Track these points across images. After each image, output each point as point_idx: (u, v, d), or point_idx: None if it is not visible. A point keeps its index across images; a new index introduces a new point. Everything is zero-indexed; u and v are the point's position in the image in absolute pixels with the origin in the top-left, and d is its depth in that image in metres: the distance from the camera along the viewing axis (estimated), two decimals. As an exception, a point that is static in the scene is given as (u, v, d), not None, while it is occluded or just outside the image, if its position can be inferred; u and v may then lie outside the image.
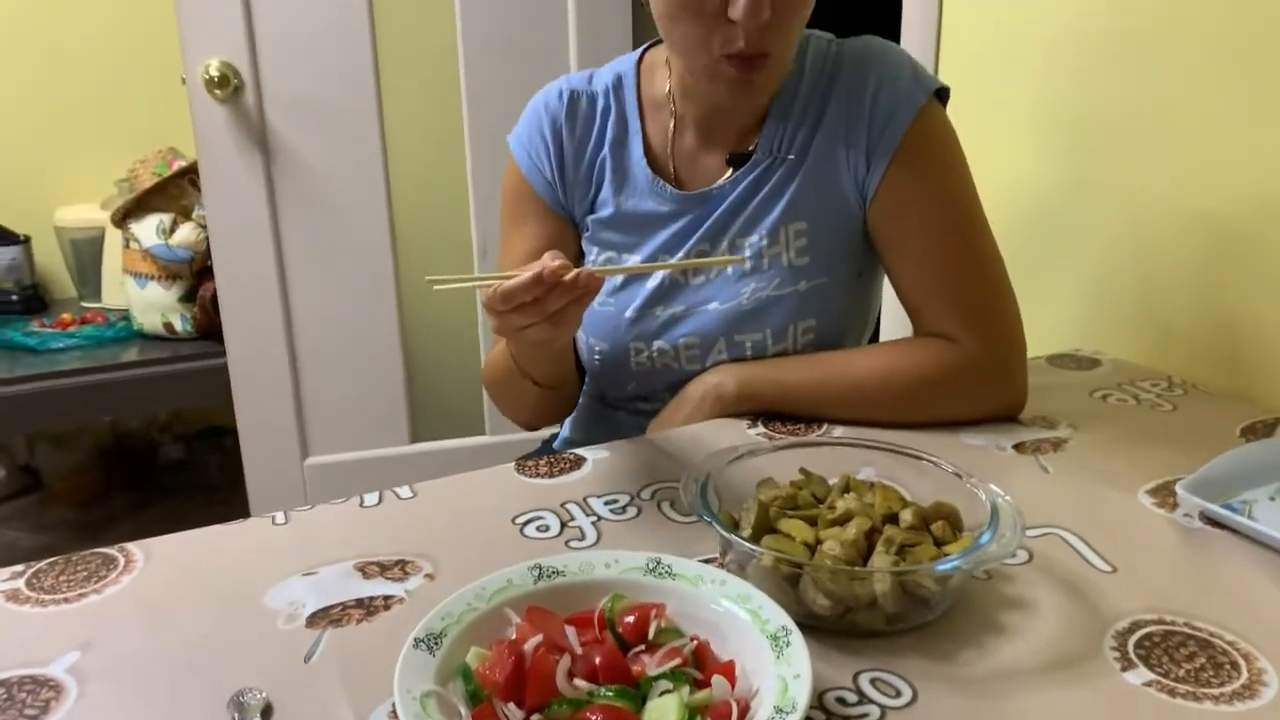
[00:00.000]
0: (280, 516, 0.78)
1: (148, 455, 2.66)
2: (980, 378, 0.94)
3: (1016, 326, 0.96)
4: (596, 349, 1.04)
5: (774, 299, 0.98)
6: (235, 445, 1.93)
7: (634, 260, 1.02)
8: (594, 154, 1.04)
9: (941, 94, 0.98)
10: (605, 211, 1.03)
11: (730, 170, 1.00)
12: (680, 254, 1.01)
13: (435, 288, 0.78)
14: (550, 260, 0.74)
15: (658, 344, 1.01)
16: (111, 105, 2.47)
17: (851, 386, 0.95)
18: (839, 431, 0.93)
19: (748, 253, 0.99)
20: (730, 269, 0.99)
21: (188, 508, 2.50)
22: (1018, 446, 0.90)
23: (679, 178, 1.02)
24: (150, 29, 2.42)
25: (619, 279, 1.03)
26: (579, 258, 1.07)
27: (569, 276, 0.74)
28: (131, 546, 0.73)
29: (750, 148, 0.99)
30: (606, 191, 1.03)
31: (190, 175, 2.18)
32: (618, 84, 1.04)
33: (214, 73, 1.69)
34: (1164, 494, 0.80)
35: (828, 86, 0.98)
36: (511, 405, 1.09)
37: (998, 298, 0.96)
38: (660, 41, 1.00)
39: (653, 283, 1.01)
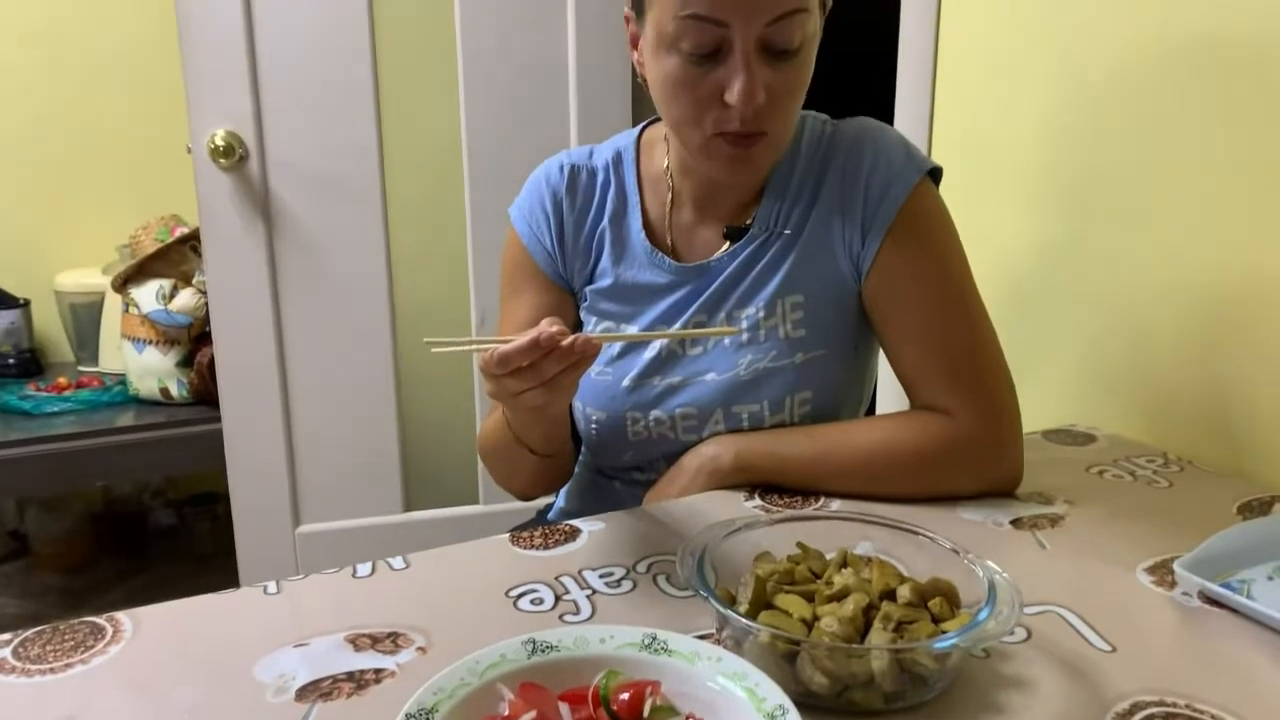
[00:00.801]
0: (272, 586, 0.77)
1: (138, 521, 2.64)
2: (976, 452, 0.95)
3: (1011, 401, 0.97)
4: (594, 418, 1.04)
5: (771, 370, 0.99)
6: (227, 511, 1.92)
7: (631, 329, 1.03)
8: (593, 226, 1.05)
9: (934, 174, 1.00)
10: (604, 282, 1.04)
11: (727, 244, 1.01)
12: (678, 324, 1.02)
13: (433, 349, 0.78)
14: (548, 325, 0.74)
15: (654, 414, 1.02)
16: (116, 172, 2.51)
17: (848, 460, 0.95)
18: (836, 505, 0.93)
19: (744, 324, 0.99)
20: (727, 341, 1.00)
21: (177, 575, 2.47)
22: (1015, 522, 0.90)
23: (676, 251, 1.04)
24: (156, 98, 2.47)
25: (616, 348, 1.04)
26: (577, 328, 1.07)
27: (566, 342, 0.74)
28: (120, 616, 0.72)
29: (747, 222, 1.01)
30: (605, 262, 1.05)
31: (192, 242, 2.20)
32: (617, 159, 1.06)
33: (219, 142, 1.72)
34: (1162, 572, 0.80)
35: (823, 164, 0.99)
36: (506, 474, 1.09)
37: (992, 372, 0.97)
38: (659, 119, 1.02)
39: (650, 353, 1.02)
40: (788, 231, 1.00)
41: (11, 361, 2.37)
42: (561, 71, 1.89)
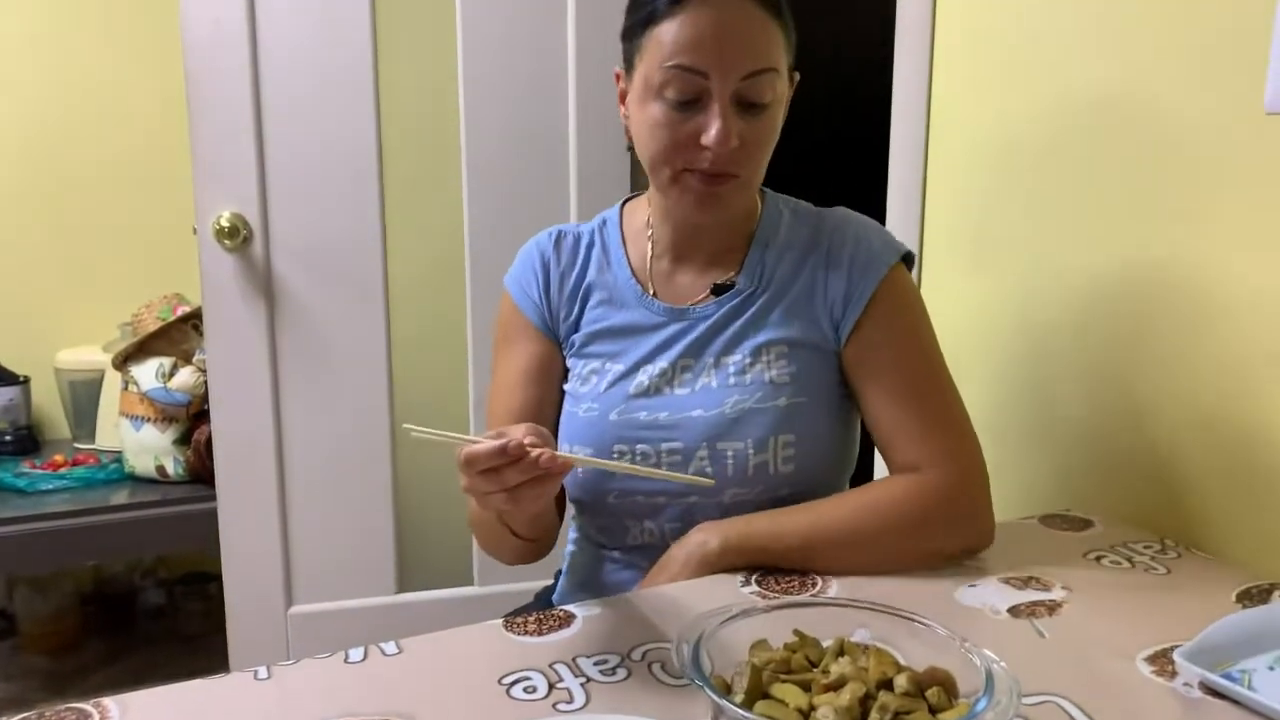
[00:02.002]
0: (263, 671, 0.76)
1: (127, 601, 2.60)
2: (950, 502, 1.00)
3: (979, 457, 1.03)
4: (580, 455, 1.05)
5: (755, 410, 1.02)
6: (218, 591, 1.90)
7: (618, 367, 1.08)
8: (578, 279, 1.13)
9: (907, 259, 1.09)
10: (590, 327, 1.11)
11: (710, 296, 1.08)
12: (662, 363, 1.06)
13: (412, 434, 0.80)
14: (523, 434, 0.76)
15: (640, 448, 1.04)
16: (120, 251, 2.54)
17: (836, 526, 0.98)
18: (834, 590, 0.92)
19: (730, 370, 1.04)
20: (715, 383, 1.04)
21: (164, 658, 2.43)
22: (1012, 610, 0.89)
23: (658, 295, 1.10)
24: (162, 178, 2.52)
25: (603, 385, 1.07)
26: (564, 377, 1.12)
27: (534, 455, 0.75)
28: (107, 702, 0.71)
29: (733, 275, 1.08)
30: (593, 312, 1.11)
31: (194, 320, 2.22)
32: (602, 224, 1.16)
33: (225, 223, 1.75)
34: (1162, 661, 0.79)
35: (810, 238, 1.09)
36: (492, 547, 1.13)
37: (959, 431, 1.04)
38: (640, 194, 1.13)
39: (634, 385, 1.06)
40: (772, 288, 1.07)
41: (8, 438, 2.36)
42: (562, 158, 1.93)
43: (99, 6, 2.47)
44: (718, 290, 1.08)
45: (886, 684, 0.65)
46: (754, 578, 0.95)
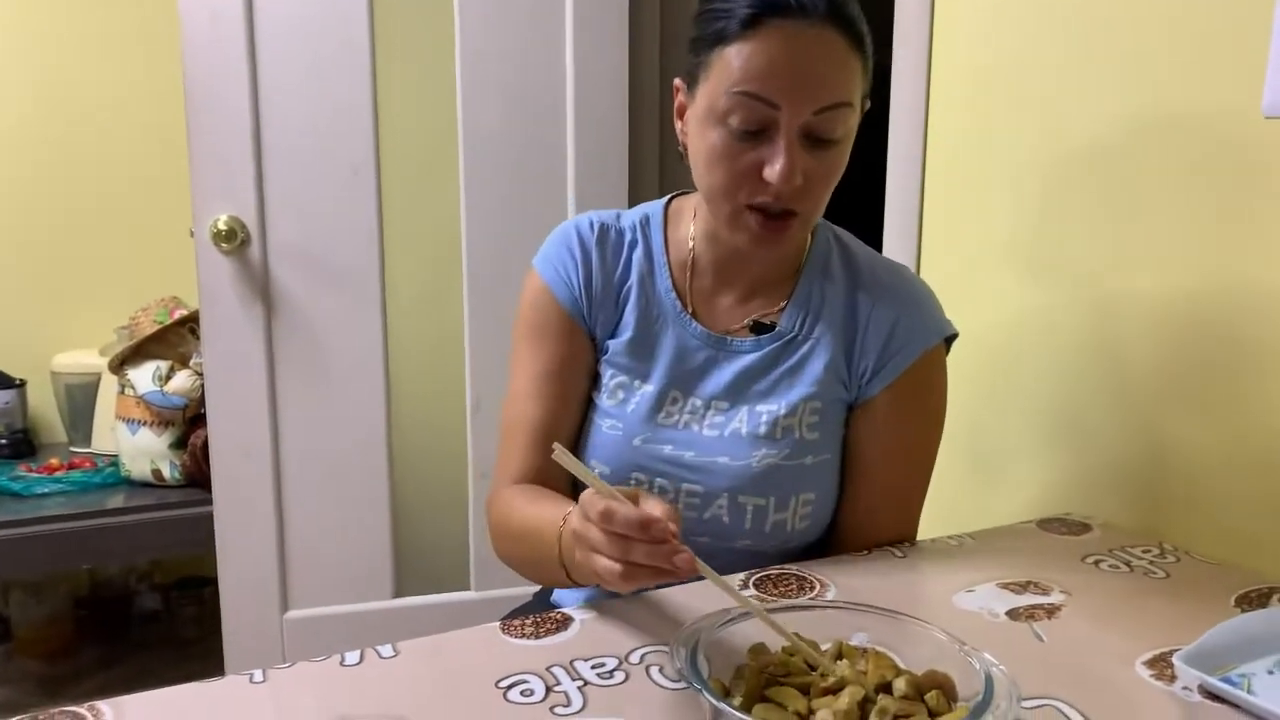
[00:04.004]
0: (258, 675, 0.76)
1: (122, 605, 2.59)
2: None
3: (909, 536, 1.09)
4: (598, 471, 1.04)
5: (783, 468, 1.00)
6: (214, 595, 1.89)
7: (648, 388, 1.04)
8: (621, 282, 1.07)
9: (950, 339, 1.06)
10: (627, 335, 1.05)
11: (749, 332, 1.04)
12: (695, 399, 1.03)
13: (553, 455, 0.75)
14: (665, 515, 0.71)
15: (660, 481, 1.02)
16: (117, 254, 2.53)
17: None
18: (832, 594, 0.92)
19: (763, 419, 1.01)
20: (744, 430, 1.01)
21: (159, 663, 2.42)
22: (1011, 613, 0.89)
23: (696, 316, 1.06)
24: (157, 182, 2.51)
25: (630, 405, 1.04)
26: (595, 379, 1.08)
27: (673, 545, 0.71)
28: (102, 705, 0.71)
29: (775, 311, 1.05)
30: (629, 317, 1.06)
31: (190, 324, 2.22)
32: (645, 223, 1.09)
33: (222, 226, 1.74)
34: (1161, 665, 0.79)
35: (853, 288, 1.05)
36: (525, 568, 1.03)
37: (908, 519, 1.09)
38: (687, 192, 1.07)
39: (664, 415, 1.03)
40: (814, 337, 1.03)
41: (4, 442, 2.36)
42: (560, 160, 1.93)
43: (94, 6, 2.46)
44: (758, 329, 1.05)
45: (885, 687, 0.65)
46: (752, 580, 0.95)
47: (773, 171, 0.89)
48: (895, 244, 1.58)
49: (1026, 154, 1.35)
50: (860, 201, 1.82)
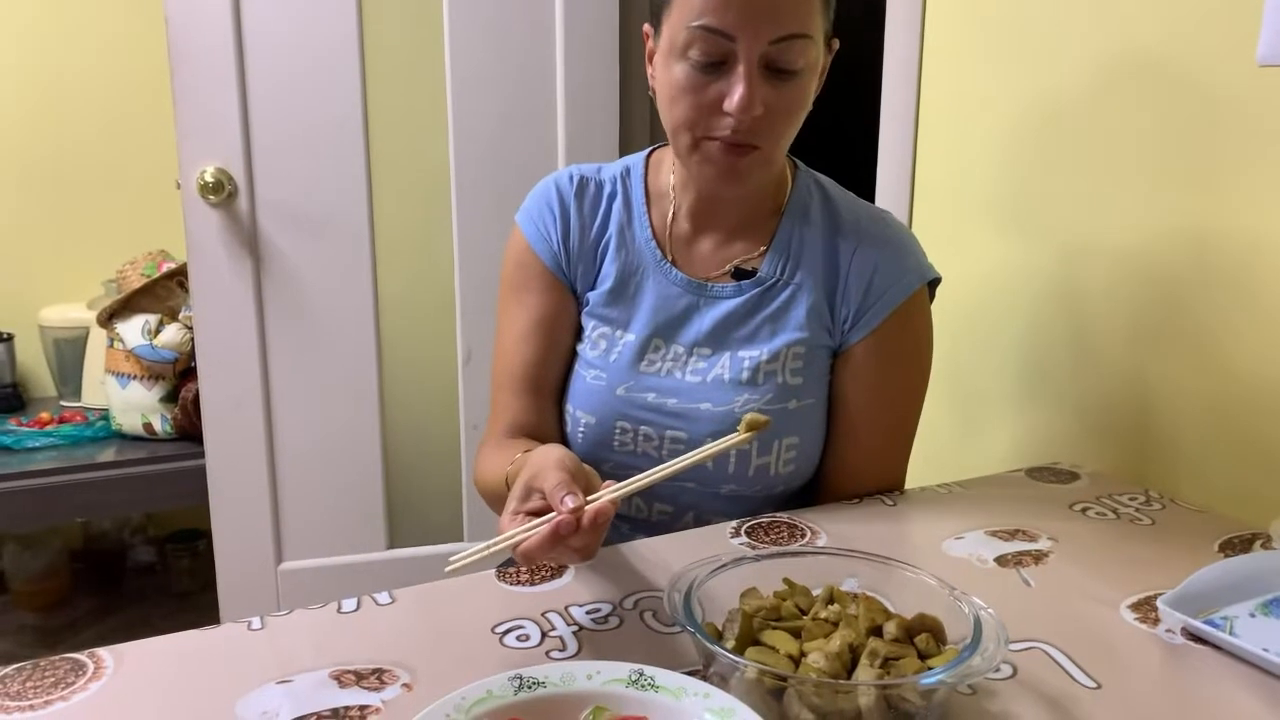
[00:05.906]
0: (255, 622, 0.77)
1: (117, 558, 2.60)
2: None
3: (898, 481, 1.10)
4: (582, 421, 1.05)
5: (765, 412, 0.99)
6: (208, 549, 1.90)
7: (629, 337, 1.04)
8: (599, 234, 1.08)
9: (933, 283, 1.06)
10: (606, 286, 1.06)
11: (730, 278, 1.04)
12: (677, 345, 1.04)
13: (446, 570, 0.75)
14: (554, 485, 0.72)
15: (644, 429, 1.03)
16: (103, 207, 2.51)
17: None
18: (823, 540, 0.93)
19: (745, 364, 1.02)
20: (726, 376, 1.01)
21: (155, 615, 2.44)
22: (999, 559, 0.90)
23: (676, 263, 1.06)
24: (143, 134, 2.48)
25: (613, 354, 1.04)
26: (577, 331, 1.09)
27: (586, 520, 0.71)
28: (102, 652, 0.72)
29: (755, 256, 1.04)
30: (609, 268, 1.06)
31: (179, 277, 2.20)
32: (625, 174, 1.10)
33: (209, 178, 1.73)
34: (1146, 609, 0.80)
35: (834, 233, 1.04)
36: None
37: (896, 463, 1.09)
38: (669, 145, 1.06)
39: (646, 362, 1.03)
40: (795, 282, 1.03)
41: (-7, 396, 2.35)
42: (551, 109, 1.91)
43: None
44: (739, 274, 1.04)
45: (876, 631, 0.66)
46: (744, 529, 0.96)
47: (731, 102, 0.90)
48: (888, 196, 1.57)
49: (1014, 105, 1.34)
50: (854, 155, 1.81)
